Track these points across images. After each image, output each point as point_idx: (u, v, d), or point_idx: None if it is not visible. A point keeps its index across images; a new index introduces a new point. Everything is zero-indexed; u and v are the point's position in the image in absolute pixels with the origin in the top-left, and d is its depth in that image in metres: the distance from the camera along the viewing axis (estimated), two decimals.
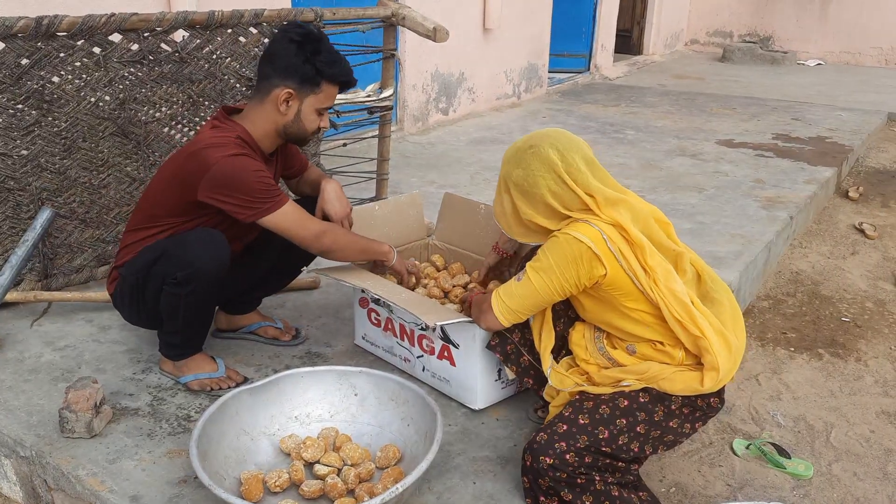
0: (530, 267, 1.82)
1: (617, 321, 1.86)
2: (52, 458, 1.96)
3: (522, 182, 1.85)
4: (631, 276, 1.77)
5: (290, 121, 2.16)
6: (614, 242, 1.76)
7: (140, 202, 2.25)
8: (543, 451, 1.74)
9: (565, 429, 1.77)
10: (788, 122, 6.39)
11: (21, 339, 2.54)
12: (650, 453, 1.86)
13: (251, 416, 2.00)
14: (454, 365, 2.19)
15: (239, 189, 2.04)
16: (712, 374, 1.78)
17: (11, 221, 2.66)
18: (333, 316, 2.78)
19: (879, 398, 2.74)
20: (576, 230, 1.77)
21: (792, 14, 10.89)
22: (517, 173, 1.86)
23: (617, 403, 1.81)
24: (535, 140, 1.87)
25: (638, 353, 1.87)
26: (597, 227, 1.77)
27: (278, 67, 2.10)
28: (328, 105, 2.19)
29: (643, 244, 1.78)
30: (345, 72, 2.16)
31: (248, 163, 2.07)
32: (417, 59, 5.70)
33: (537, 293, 1.82)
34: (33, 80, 2.51)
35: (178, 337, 2.24)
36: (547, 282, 1.79)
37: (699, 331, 1.77)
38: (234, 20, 2.90)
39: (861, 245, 4.24)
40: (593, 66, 8.70)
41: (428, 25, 3.28)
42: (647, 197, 4.24)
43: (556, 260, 1.77)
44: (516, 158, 1.88)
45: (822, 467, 2.30)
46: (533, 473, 1.77)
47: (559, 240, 1.78)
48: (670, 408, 1.83)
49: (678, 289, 1.78)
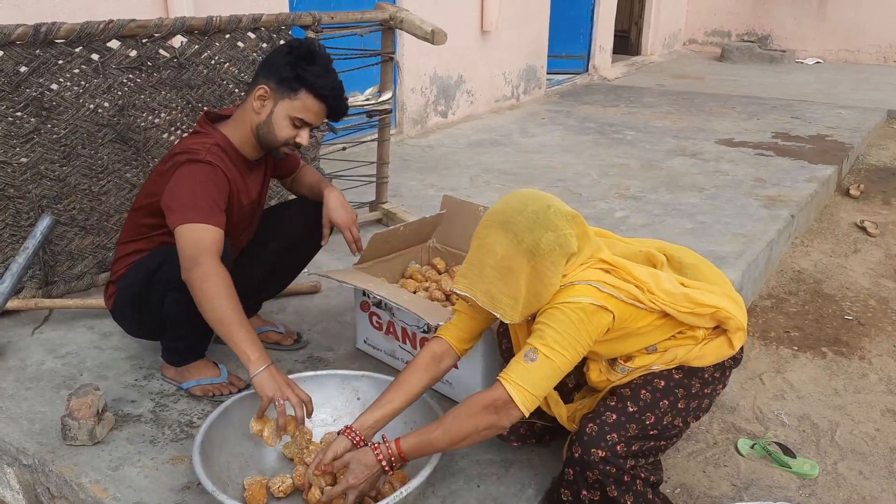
0: (542, 345, 1.64)
1: (630, 346, 1.82)
2: (55, 465, 1.95)
3: (554, 246, 1.66)
4: (633, 304, 1.71)
5: (262, 120, 2.09)
6: (606, 284, 1.69)
7: (129, 214, 2.25)
8: (595, 444, 1.69)
9: (615, 418, 1.73)
10: (788, 121, 6.39)
11: (22, 347, 2.53)
12: (692, 423, 1.89)
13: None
14: (456, 368, 2.18)
15: (176, 191, 1.98)
16: (740, 334, 1.82)
17: (11, 229, 2.65)
18: (335, 320, 2.77)
19: (884, 396, 2.73)
20: (570, 296, 1.67)
21: (790, 13, 10.89)
22: (548, 238, 1.65)
23: (655, 385, 1.80)
24: (543, 200, 1.71)
25: (659, 348, 1.83)
26: (582, 282, 1.69)
27: (264, 66, 2.09)
28: (304, 117, 2.08)
29: (624, 264, 1.74)
30: (326, 85, 2.06)
31: (202, 170, 2.00)
32: (416, 62, 5.70)
33: (559, 369, 1.66)
34: (32, 88, 2.51)
35: (181, 343, 2.23)
36: (566, 355, 1.65)
37: (711, 306, 1.76)
38: (233, 25, 2.89)
39: (863, 243, 4.24)
40: (592, 67, 8.70)
41: (426, 28, 3.27)
42: (647, 197, 4.26)
43: (566, 330, 1.65)
44: (541, 223, 1.66)
45: (828, 466, 2.30)
46: (581, 465, 1.71)
47: (560, 311, 1.66)
48: (704, 377, 1.84)
49: (668, 286, 1.75)
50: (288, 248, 2.39)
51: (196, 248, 1.91)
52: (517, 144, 5.56)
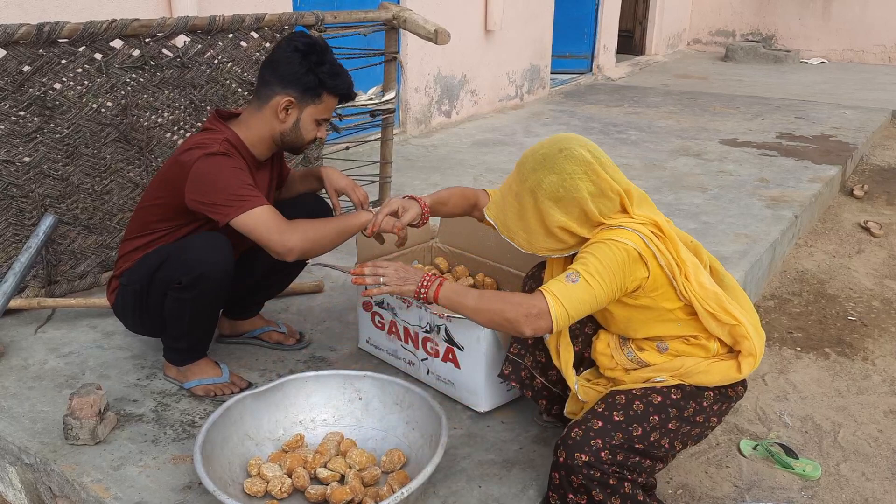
0: (585, 271, 1.69)
1: (648, 328, 1.82)
2: (57, 465, 1.95)
3: (558, 188, 1.75)
4: (668, 273, 1.73)
5: (287, 128, 2.14)
6: (652, 241, 1.73)
7: (136, 210, 2.25)
8: (579, 448, 1.71)
9: (600, 425, 1.74)
10: (792, 121, 6.37)
11: (25, 346, 2.54)
12: (680, 450, 1.85)
13: (255, 422, 1.99)
14: (459, 367, 2.18)
15: (213, 188, 2.00)
16: (750, 360, 1.79)
17: (15, 228, 2.66)
18: (337, 320, 2.77)
19: (887, 397, 2.72)
20: (618, 235, 1.72)
21: (794, 12, 10.88)
22: (551, 180, 1.75)
23: (650, 400, 1.79)
24: (562, 143, 1.78)
25: (670, 349, 1.83)
26: (633, 229, 1.74)
27: (280, 75, 2.08)
28: (326, 116, 2.18)
29: (675, 238, 1.78)
30: (346, 84, 2.15)
31: (223, 161, 2.02)
32: (419, 62, 5.70)
33: (595, 298, 1.70)
34: (35, 87, 2.51)
35: (182, 342, 2.23)
36: (604, 286, 1.69)
37: (734, 319, 1.76)
38: (236, 25, 2.89)
39: (867, 243, 4.22)
40: (596, 67, 8.69)
41: (429, 28, 3.27)
42: (651, 197, 4.23)
43: (608, 263, 1.69)
44: (547, 165, 1.76)
45: (831, 467, 2.29)
46: (566, 470, 1.72)
47: (605, 245, 1.71)
48: (702, 404, 1.82)
49: (706, 281, 1.78)
50: None
51: (269, 230, 1.99)
52: (521, 144, 5.56)
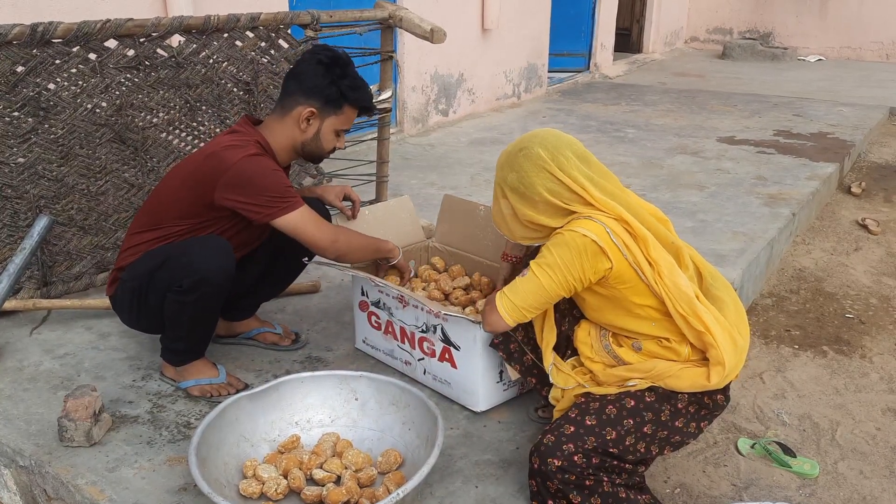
0: (535, 264, 1.81)
1: (622, 319, 1.85)
2: (52, 467, 1.94)
3: (518, 185, 1.85)
4: (636, 269, 1.77)
5: (308, 138, 2.21)
6: (618, 236, 1.76)
7: (148, 204, 2.24)
8: (551, 454, 1.72)
9: (572, 430, 1.76)
10: (790, 119, 6.37)
11: (20, 348, 2.53)
12: (656, 454, 1.85)
13: (251, 423, 1.98)
14: (455, 367, 2.17)
15: (256, 188, 2.06)
16: (718, 369, 1.78)
17: (9, 229, 2.65)
18: (334, 320, 2.77)
19: (885, 395, 2.71)
20: (579, 226, 1.77)
21: (792, 10, 10.87)
22: (511, 177, 1.86)
23: (623, 404, 1.80)
24: (525, 142, 1.87)
25: (644, 350, 1.86)
26: (599, 221, 1.77)
27: (304, 86, 2.16)
28: (346, 127, 2.26)
29: (646, 237, 1.78)
30: (366, 97, 2.23)
31: (266, 163, 2.11)
32: (416, 61, 5.69)
33: (543, 289, 1.80)
34: (29, 88, 2.50)
35: (181, 343, 2.23)
36: (553, 277, 1.78)
37: (703, 326, 1.76)
38: (231, 24, 2.88)
39: (864, 241, 4.22)
40: (593, 65, 8.68)
41: (425, 27, 3.26)
42: (648, 195, 4.24)
43: (561, 255, 1.77)
44: (509, 163, 1.88)
45: (828, 466, 2.28)
46: (541, 476, 1.75)
47: (563, 236, 1.78)
48: (677, 406, 1.82)
49: (682, 283, 1.78)
50: (281, 250, 2.39)
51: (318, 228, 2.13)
52: None
